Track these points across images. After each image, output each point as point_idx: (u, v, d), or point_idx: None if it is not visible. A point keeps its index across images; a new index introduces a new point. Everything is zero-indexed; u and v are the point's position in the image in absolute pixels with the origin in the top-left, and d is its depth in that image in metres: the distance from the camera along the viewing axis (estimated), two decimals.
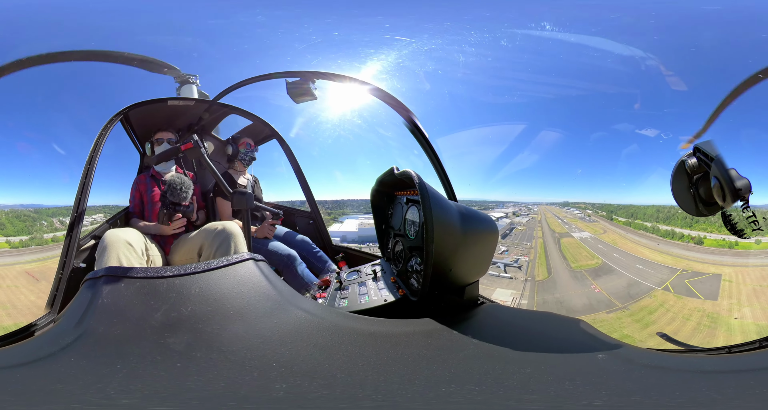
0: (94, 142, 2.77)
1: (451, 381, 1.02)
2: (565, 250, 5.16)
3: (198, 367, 1.02)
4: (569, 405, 0.93)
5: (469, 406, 0.93)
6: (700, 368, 1.20)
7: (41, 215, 3.21)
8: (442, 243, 1.55)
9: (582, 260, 4.84)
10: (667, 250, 4.15)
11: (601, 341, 1.38)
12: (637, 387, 1.03)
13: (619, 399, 0.95)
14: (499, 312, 1.89)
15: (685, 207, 1.75)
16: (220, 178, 2.44)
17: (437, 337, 1.31)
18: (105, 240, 2.24)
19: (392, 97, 2.91)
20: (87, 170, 2.68)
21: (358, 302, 1.94)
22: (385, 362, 1.10)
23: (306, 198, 4.05)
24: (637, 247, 4.49)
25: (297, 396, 0.94)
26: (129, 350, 1.08)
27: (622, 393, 0.99)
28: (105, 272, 1.36)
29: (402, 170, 1.98)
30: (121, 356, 1.06)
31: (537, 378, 1.05)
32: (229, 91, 3.43)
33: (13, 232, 3.16)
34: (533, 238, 5.66)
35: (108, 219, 3.20)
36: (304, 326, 1.25)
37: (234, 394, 0.94)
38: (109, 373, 0.98)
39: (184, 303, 1.24)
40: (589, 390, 0.98)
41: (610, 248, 4.81)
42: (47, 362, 1.05)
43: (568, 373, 1.08)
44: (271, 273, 1.48)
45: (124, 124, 3.28)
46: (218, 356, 1.07)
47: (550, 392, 0.98)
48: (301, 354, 1.11)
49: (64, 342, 1.12)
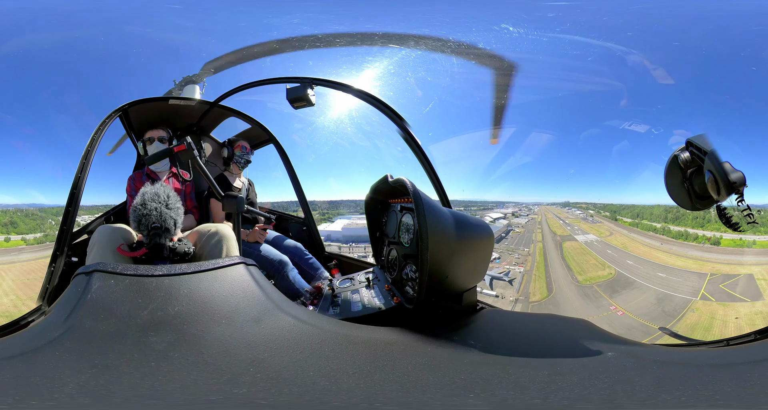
0: (91, 136, 2.76)
1: (462, 388, 1.01)
2: (568, 257, 4.43)
3: (170, 367, 1.01)
4: (595, 406, 0.93)
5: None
6: (704, 361, 1.23)
7: (47, 214, 3.25)
8: (438, 250, 1.55)
9: (591, 271, 4.04)
10: (684, 253, 3.66)
11: (608, 339, 1.41)
12: (653, 384, 1.03)
13: (641, 397, 0.96)
14: (500, 316, 1.89)
15: (679, 202, 1.74)
16: (212, 181, 2.43)
17: (437, 344, 1.30)
18: (96, 235, 2.22)
19: (385, 105, 2.96)
20: (83, 164, 2.66)
21: (351, 309, 1.92)
22: (381, 370, 1.08)
23: (300, 204, 4.03)
24: (651, 251, 3.89)
25: (256, 399, 0.93)
26: (110, 346, 1.07)
27: (641, 390, 0.99)
28: (95, 268, 1.34)
29: (396, 178, 1.99)
30: (101, 352, 1.05)
31: (554, 381, 1.05)
32: (231, 93, 3.44)
33: (26, 230, 3.24)
34: (532, 242, 5.05)
35: (102, 214, 3.17)
36: (291, 332, 1.24)
37: (191, 396, 0.93)
38: (86, 369, 0.98)
39: (171, 303, 1.23)
40: (609, 389, 0.99)
41: (621, 253, 4.12)
42: (33, 355, 1.05)
43: (585, 374, 1.08)
44: (262, 278, 1.47)
45: (122, 120, 3.26)
46: (195, 358, 1.06)
47: (571, 394, 0.98)
48: (284, 360, 1.10)
49: (52, 335, 1.11)
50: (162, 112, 3.41)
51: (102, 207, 3.26)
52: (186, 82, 3.49)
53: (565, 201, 5.41)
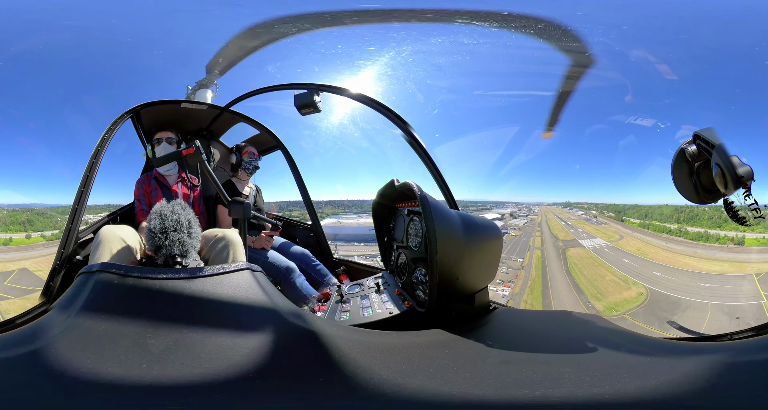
0: (102, 136, 2.78)
1: (490, 387, 0.99)
2: (575, 270, 3.52)
3: (163, 370, 1.00)
4: (624, 399, 0.95)
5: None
6: (714, 354, 1.26)
7: (57, 213, 3.32)
8: (447, 253, 1.55)
9: (611, 292, 3.07)
10: (713, 255, 3.18)
11: (620, 334, 1.44)
12: (671, 377, 1.04)
13: (662, 391, 0.97)
14: (515, 315, 1.90)
15: (686, 195, 1.74)
16: (219, 186, 2.43)
17: (454, 347, 1.28)
18: (100, 235, 2.22)
19: (389, 110, 2.97)
20: (92, 163, 2.68)
21: (361, 315, 1.88)
22: (402, 374, 1.05)
23: (307, 211, 4.02)
24: (675, 256, 3.27)
25: (256, 405, 0.91)
26: (107, 346, 1.06)
27: (661, 384, 1.00)
28: (100, 268, 1.33)
29: (402, 182, 1.98)
30: (98, 352, 1.04)
31: (581, 378, 1.04)
32: (241, 99, 3.47)
33: (42, 227, 3.30)
34: (528, 249, 4.35)
35: (109, 214, 3.19)
36: (298, 338, 1.21)
37: (182, 399, 0.92)
38: (79, 368, 0.97)
39: (173, 306, 1.22)
40: (631, 383, 1.00)
41: (641, 261, 3.35)
42: (32, 353, 1.05)
43: (605, 369, 1.09)
44: (268, 284, 1.45)
45: (134, 121, 3.30)
46: (192, 362, 1.03)
47: (602, 390, 0.98)
48: (289, 366, 1.07)
49: (52, 333, 1.11)
50: (173, 115, 3.44)
51: (104, 207, 3.28)
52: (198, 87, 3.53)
53: (566, 201, 5.20)
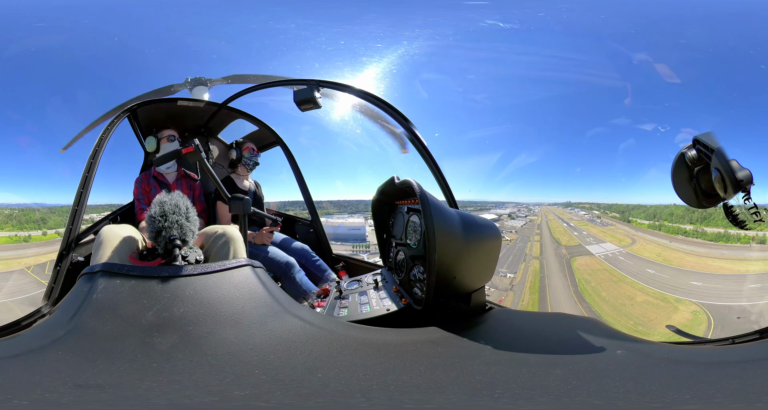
0: (99, 136, 2.78)
1: (480, 388, 1.00)
2: (588, 291, 2.62)
3: (173, 368, 1.01)
4: (610, 402, 0.95)
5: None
6: (711, 359, 1.27)
7: (63, 212, 3.37)
8: (445, 251, 1.55)
9: (654, 319, 2.36)
10: (743, 255, 2.87)
11: (618, 337, 1.43)
12: (661, 382, 1.05)
13: (652, 394, 0.97)
14: (510, 316, 1.90)
15: (686, 199, 1.74)
16: (219, 183, 2.43)
17: (448, 345, 1.29)
18: (101, 236, 2.22)
19: (391, 107, 2.96)
20: (90, 164, 2.69)
21: (359, 311, 1.90)
22: (394, 372, 1.07)
23: (307, 207, 4.03)
24: (703, 260, 2.88)
25: (258, 401, 0.92)
26: (114, 346, 1.07)
27: (652, 388, 1.01)
28: (102, 268, 1.35)
29: (402, 179, 1.99)
30: (104, 352, 1.05)
31: (568, 380, 1.05)
32: (239, 95, 3.46)
33: (54, 225, 3.36)
34: (524, 258, 3.50)
35: (109, 214, 3.20)
36: (298, 334, 1.23)
37: (192, 396, 0.93)
38: (88, 369, 0.98)
39: (176, 304, 1.23)
40: (622, 387, 1.00)
41: (672, 271, 2.77)
42: (36, 355, 1.05)
43: (598, 372, 1.09)
44: (269, 280, 1.47)
45: (131, 120, 3.29)
46: (199, 359, 1.05)
47: (587, 392, 0.98)
48: (290, 362, 1.09)
49: (56, 335, 1.12)
50: (170, 112, 3.44)
51: (105, 207, 3.29)
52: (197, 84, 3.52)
53: (567, 201, 5.17)
